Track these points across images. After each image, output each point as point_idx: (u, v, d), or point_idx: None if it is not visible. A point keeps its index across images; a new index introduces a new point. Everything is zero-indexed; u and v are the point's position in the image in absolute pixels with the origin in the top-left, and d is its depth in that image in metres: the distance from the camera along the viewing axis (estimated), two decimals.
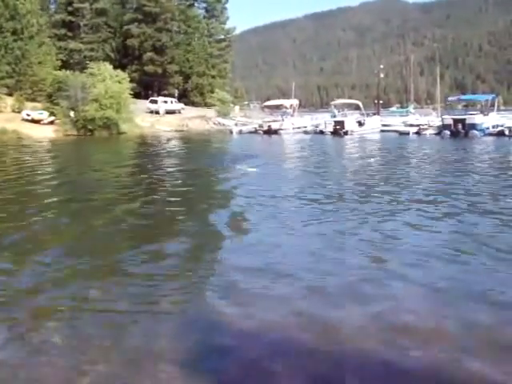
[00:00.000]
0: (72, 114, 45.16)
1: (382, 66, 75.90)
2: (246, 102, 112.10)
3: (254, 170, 19.59)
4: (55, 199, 14.27)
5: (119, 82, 48.09)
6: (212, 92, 73.74)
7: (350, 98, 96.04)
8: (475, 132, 39.28)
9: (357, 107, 54.15)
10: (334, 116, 50.14)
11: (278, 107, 56.16)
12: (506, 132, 38.98)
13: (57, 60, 60.52)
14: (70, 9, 70.86)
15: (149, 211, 12.34)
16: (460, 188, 14.54)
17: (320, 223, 10.28)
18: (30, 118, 44.96)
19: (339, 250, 8.33)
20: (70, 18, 71.15)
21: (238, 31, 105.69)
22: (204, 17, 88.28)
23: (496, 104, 47.60)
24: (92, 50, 70.86)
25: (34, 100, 51.15)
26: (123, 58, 75.33)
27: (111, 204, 13.19)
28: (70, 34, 71.67)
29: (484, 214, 11.02)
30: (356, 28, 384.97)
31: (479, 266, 7.38)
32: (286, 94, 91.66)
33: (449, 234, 9.21)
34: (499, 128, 40.66)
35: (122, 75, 49.81)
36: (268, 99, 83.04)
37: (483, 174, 18.41)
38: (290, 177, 18.26)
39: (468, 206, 11.78)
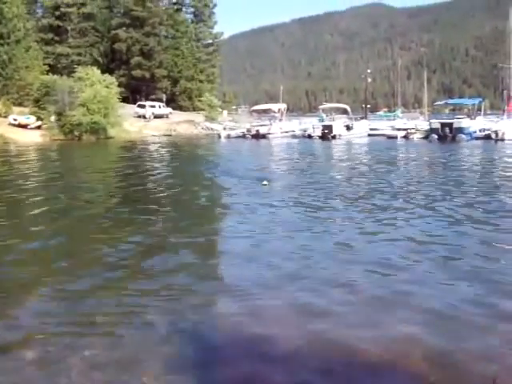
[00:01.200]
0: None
1: (369, 71, 76.12)
2: (234, 107, 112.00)
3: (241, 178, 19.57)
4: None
5: (107, 87, 47.95)
6: (200, 96, 73.77)
7: (337, 102, 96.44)
8: (462, 136, 39.53)
9: (344, 111, 54.32)
10: (322, 120, 50.29)
11: (266, 111, 56.21)
12: (493, 136, 39.24)
13: (44, 64, 60.10)
14: (57, 13, 70.41)
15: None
16: (447, 193, 14.62)
17: (308, 230, 10.29)
18: (16, 122, 44.68)
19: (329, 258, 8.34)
20: (57, 22, 70.70)
21: (225, 36, 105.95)
22: (192, 21, 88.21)
23: (483, 108, 47.97)
24: (79, 54, 70.51)
25: (20, 105, 50.84)
26: (111, 63, 75.05)
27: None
28: (57, 38, 71.23)
29: (468, 219, 11.12)
30: (344, 32, 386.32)
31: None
32: (273, 99, 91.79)
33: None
34: (486, 132, 40.98)
35: (110, 80, 49.69)
36: (256, 103, 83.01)
37: (470, 178, 18.56)
38: (279, 181, 18.22)
39: (448, 215, 11.80)
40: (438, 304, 6.16)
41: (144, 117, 59.79)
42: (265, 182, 16.50)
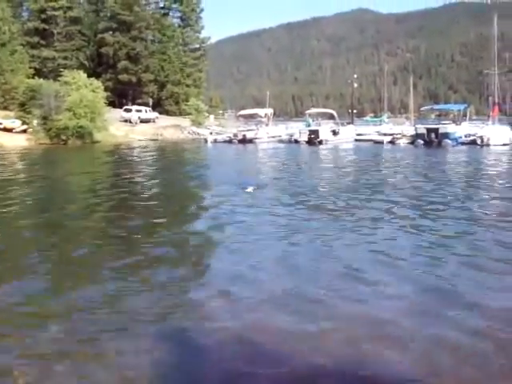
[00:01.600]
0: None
1: (355, 76, 76.56)
2: (221, 111, 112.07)
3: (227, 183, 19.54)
4: None
5: (93, 91, 47.78)
6: (187, 101, 73.70)
7: (324, 107, 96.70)
8: (448, 141, 39.85)
9: (331, 116, 54.44)
10: (309, 125, 50.37)
11: (252, 116, 56.22)
12: (478, 141, 39.61)
13: (30, 68, 59.79)
14: (43, 16, 70.09)
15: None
16: (431, 197, 14.75)
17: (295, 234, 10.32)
18: (1, 126, 44.36)
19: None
20: (43, 25, 70.36)
21: (212, 40, 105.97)
22: (179, 26, 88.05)
23: (468, 114, 48.37)
24: (66, 58, 70.20)
25: (6, 108, 50.53)
26: (97, 67, 74.81)
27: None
28: (43, 41, 70.89)
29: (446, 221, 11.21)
30: (330, 38, 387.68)
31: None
32: (260, 103, 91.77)
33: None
34: (471, 137, 41.35)
35: (97, 84, 49.53)
36: (243, 108, 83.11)
37: (454, 182, 18.72)
38: (265, 186, 18.22)
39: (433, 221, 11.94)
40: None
41: (130, 121, 59.59)
42: (249, 189, 15.96)
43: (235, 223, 11.40)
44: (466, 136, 42.10)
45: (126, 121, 59.78)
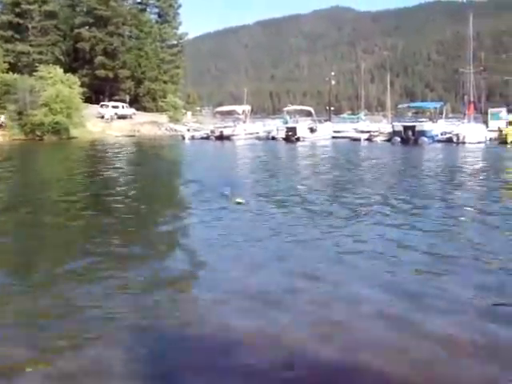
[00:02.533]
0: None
1: (333, 73, 76.85)
2: (199, 108, 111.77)
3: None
4: None
5: (70, 87, 47.38)
6: (164, 97, 73.45)
7: (301, 104, 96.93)
8: (424, 139, 40.21)
9: (308, 114, 54.61)
10: (286, 122, 50.53)
11: (230, 113, 56.13)
12: (454, 139, 40.03)
13: (4, 62, 59.03)
14: (17, 10, 69.08)
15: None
16: (406, 195, 14.86)
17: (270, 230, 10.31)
18: None
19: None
20: (17, 19, 69.39)
21: (190, 37, 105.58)
22: (156, 22, 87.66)
23: (444, 111, 48.88)
24: (41, 53, 69.42)
25: None
26: (73, 62, 74.12)
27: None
28: (17, 36, 69.97)
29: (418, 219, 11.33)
30: (307, 35, 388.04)
31: None
32: (238, 100, 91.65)
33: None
34: (447, 135, 41.81)
35: (73, 79, 49.19)
36: (220, 105, 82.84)
37: (430, 180, 18.88)
38: (241, 183, 18.19)
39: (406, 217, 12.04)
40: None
41: (110, 117, 59.17)
42: (239, 200, 13.62)
43: (204, 223, 11.19)
44: (442, 134, 42.55)
45: (102, 117, 59.41)
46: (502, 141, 38.40)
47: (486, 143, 39.57)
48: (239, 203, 13.28)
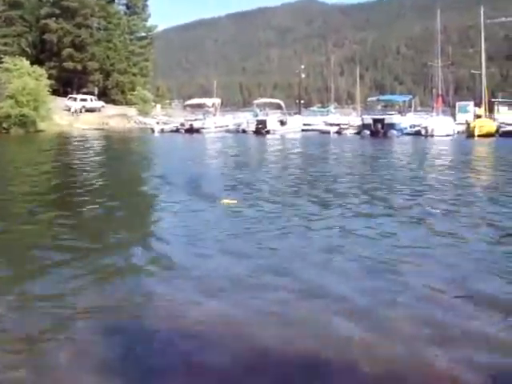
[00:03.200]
0: None
1: (303, 66, 77.05)
2: (168, 101, 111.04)
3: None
4: None
5: (37, 79, 46.66)
6: (133, 90, 72.82)
7: (271, 97, 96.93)
8: (393, 132, 40.62)
9: (278, 106, 54.71)
10: (256, 115, 50.49)
11: (200, 106, 55.85)
12: (423, 132, 40.50)
13: None
14: None
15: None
16: (375, 187, 14.97)
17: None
18: None
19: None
20: None
21: (159, 29, 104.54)
22: (125, 13, 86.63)
23: (413, 105, 49.41)
24: (6, 44, 67.95)
25: None
26: (40, 54, 72.83)
27: None
28: None
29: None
30: (277, 28, 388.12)
31: None
32: (208, 93, 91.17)
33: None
34: (416, 128, 42.31)
35: (40, 71, 48.46)
36: (190, 98, 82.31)
37: (398, 172, 19.07)
38: (210, 176, 18.11)
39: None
40: None
41: (75, 110, 58.44)
42: (228, 201, 12.31)
43: (171, 217, 11.14)
44: (410, 127, 43.04)
45: (70, 110, 58.64)
46: (470, 134, 38.88)
47: (454, 136, 40.10)
48: (228, 204, 12.09)
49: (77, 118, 55.72)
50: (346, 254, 8.02)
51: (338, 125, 48.44)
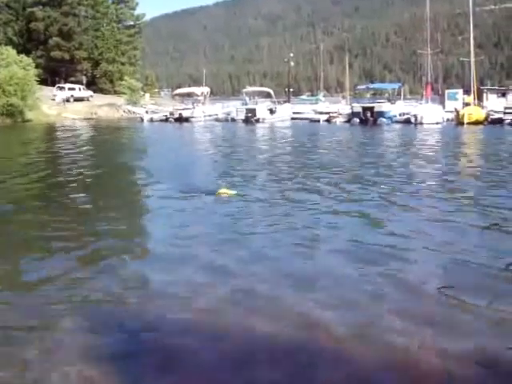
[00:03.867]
0: None
1: (292, 55, 76.61)
2: (157, 90, 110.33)
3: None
4: None
5: (24, 68, 46.25)
6: (121, 79, 72.23)
7: (261, 85, 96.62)
8: (383, 119, 40.60)
9: (268, 95, 54.59)
10: (246, 104, 50.28)
11: (189, 95, 55.58)
12: (412, 120, 40.50)
13: None
14: None
15: None
16: (365, 175, 15.01)
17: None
18: None
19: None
20: None
21: (148, 17, 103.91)
22: (113, 2, 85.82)
23: (402, 93, 49.37)
24: None
25: None
26: (27, 43, 72.24)
27: None
28: None
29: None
30: (267, 16, 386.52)
31: None
32: (197, 82, 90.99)
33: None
34: (405, 116, 42.29)
35: (27, 60, 48.07)
36: (179, 87, 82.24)
37: (388, 159, 19.11)
38: (199, 165, 18.06)
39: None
40: None
41: (66, 100, 58.02)
42: (226, 190, 11.99)
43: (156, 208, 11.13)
44: (400, 115, 43.02)
45: (62, 99, 58.12)
46: (459, 122, 38.93)
47: (443, 124, 40.12)
48: (227, 194, 11.80)
49: (65, 107, 55.24)
50: (333, 242, 8.06)
51: (327, 113, 48.37)
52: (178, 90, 61.84)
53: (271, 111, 47.33)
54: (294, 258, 7.35)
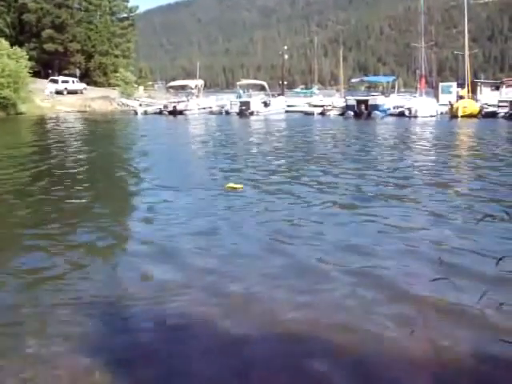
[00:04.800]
0: None
1: (286, 48, 76.55)
2: (151, 83, 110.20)
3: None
4: None
5: (17, 61, 45.97)
6: (115, 72, 71.97)
7: (255, 78, 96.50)
8: (377, 113, 40.54)
9: (262, 88, 54.50)
10: (240, 97, 50.18)
11: (183, 88, 55.38)
12: (406, 113, 40.49)
13: None
14: None
15: None
16: (358, 168, 15.04)
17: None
18: None
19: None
20: None
21: (141, 10, 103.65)
22: None
23: (396, 86, 49.29)
24: None
25: None
26: (20, 35, 71.90)
27: None
28: None
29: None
30: (261, 9, 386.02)
31: None
32: (191, 75, 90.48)
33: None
34: (399, 109, 42.26)
35: (20, 53, 47.73)
36: (173, 80, 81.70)
37: (381, 151, 19.15)
38: (194, 158, 18.03)
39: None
40: None
41: (58, 92, 57.80)
42: (231, 185, 11.81)
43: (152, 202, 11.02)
44: (394, 108, 42.99)
45: (51, 92, 57.88)
46: (453, 115, 38.95)
47: (438, 117, 40.16)
48: (233, 188, 11.68)
49: (59, 100, 54.96)
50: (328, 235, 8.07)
51: (321, 106, 48.31)
52: (172, 83, 61.56)
53: (265, 104, 47.23)
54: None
